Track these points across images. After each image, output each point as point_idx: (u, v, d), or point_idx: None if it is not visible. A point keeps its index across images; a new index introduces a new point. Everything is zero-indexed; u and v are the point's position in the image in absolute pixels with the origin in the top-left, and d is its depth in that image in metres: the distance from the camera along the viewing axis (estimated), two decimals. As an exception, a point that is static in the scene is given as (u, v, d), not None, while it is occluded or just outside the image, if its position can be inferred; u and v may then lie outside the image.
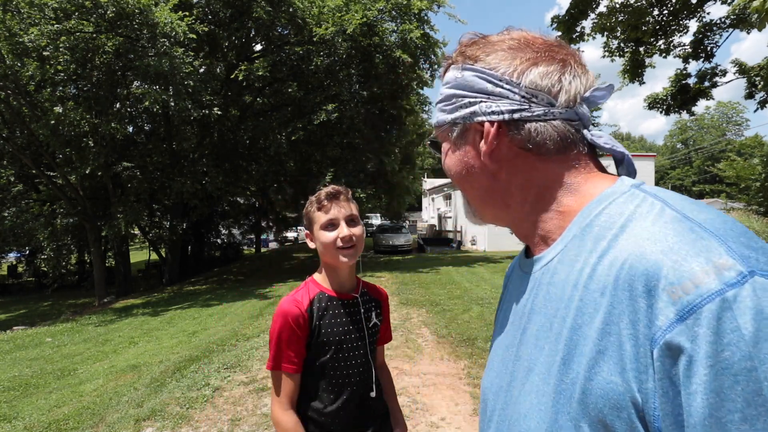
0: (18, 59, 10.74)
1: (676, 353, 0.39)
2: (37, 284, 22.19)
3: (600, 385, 0.44)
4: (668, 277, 0.41)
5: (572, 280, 0.52)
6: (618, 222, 0.50)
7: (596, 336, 0.46)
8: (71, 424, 3.68)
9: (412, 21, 13.05)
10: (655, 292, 0.42)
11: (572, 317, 0.50)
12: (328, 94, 13.10)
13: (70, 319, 10.64)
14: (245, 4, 12.45)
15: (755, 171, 16.81)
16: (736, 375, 0.37)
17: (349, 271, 1.34)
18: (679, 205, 0.48)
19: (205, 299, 10.60)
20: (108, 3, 9.86)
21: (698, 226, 0.44)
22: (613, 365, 0.44)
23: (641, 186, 0.54)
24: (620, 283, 0.45)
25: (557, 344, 0.51)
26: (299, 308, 1.27)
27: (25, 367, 6.19)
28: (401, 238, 20.43)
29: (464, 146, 0.63)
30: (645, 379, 0.42)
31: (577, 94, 0.58)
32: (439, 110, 0.65)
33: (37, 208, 15.63)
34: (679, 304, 0.40)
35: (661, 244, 0.44)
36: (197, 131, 14.47)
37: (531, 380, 0.54)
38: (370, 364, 1.33)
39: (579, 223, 0.55)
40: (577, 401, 0.46)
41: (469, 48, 0.62)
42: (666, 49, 10.26)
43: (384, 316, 1.45)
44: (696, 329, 0.38)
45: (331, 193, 1.29)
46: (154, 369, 4.95)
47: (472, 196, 0.66)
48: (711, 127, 58.78)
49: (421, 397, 3.68)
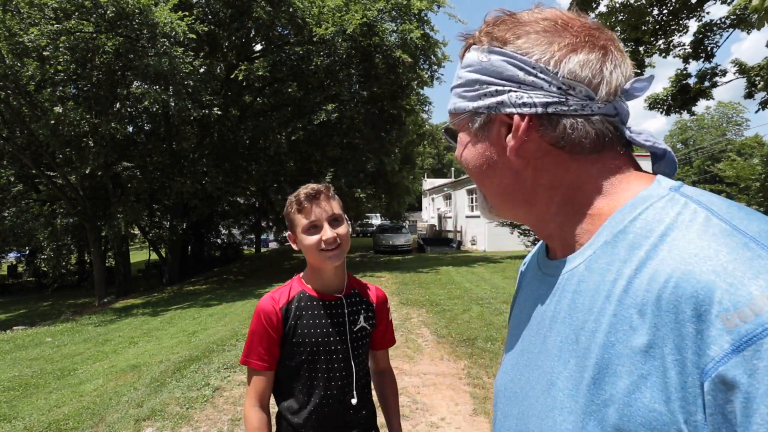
0: (18, 59, 10.75)
1: (731, 388, 0.35)
2: (37, 284, 22.19)
3: (641, 412, 0.40)
4: (723, 302, 0.37)
5: (604, 291, 0.47)
6: (657, 230, 0.45)
7: (637, 357, 0.42)
8: (71, 424, 3.68)
9: (412, 21, 13.06)
10: (706, 318, 0.37)
11: (604, 333, 0.45)
12: (328, 94, 13.10)
13: (70, 319, 10.64)
14: (245, 4, 12.45)
15: (755, 171, 16.81)
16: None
17: (335, 272, 1.28)
18: (726, 214, 0.43)
19: (205, 299, 10.60)
20: (108, 3, 9.86)
21: (753, 240, 0.39)
22: (657, 392, 0.40)
23: (681, 188, 0.49)
24: (663, 304, 0.41)
25: (585, 360, 0.46)
26: (273, 306, 1.24)
27: (25, 367, 6.20)
28: (401, 238, 20.44)
29: (487, 139, 0.57)
30: (694, 411, 0.37)
31: (618, 86, 0.52)
32: (458, 96, 0.59)
33: (37, 208, 15.64)
34: (735, 333, 0.35)
35: (712, 263, 0.39)
36: (197, 131, 14.47)
37: (554, 395, 0.49)
38: (351, 369, 1.26)
39: (611, 228, 0.50)
40: (613, 426, 0.42)
41: (496, 28, 0.55)
42: (666, 48, 10.26)
43: (379, 319, 1.37)
44: (755, 362, 0.34)
45: (310, 194, 1.22)
46: (154, 369, 4.95)
47: (491, 192, 0.60)
48: (711, 127, 58.79)
49: (421, 397, 3.68)
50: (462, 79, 0.58)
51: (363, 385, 1.31)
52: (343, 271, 1.32)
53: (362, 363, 1.31)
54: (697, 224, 0.43)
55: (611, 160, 0.54)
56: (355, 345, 1.28)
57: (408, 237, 20.85)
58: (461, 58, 0.60)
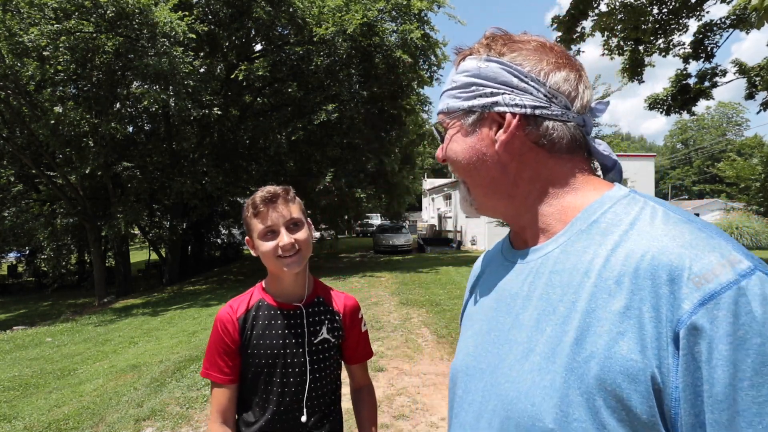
0: (18, 59, 10.74)
1: (699, 333, 0.45)
2: (37, 284, 22.18)
3: (619, 362, 0.49)
4: (692, 268, 0.48)
5: (582, 269, 0.56)
6: (625, 220, 0.56)
7: (615, 318, 0.51)
8: (71, 424, 3.68)
9: (412, 21, 13.05)
10: (680, 281, 0.48)
11: (585, 301, 0.54)
12: (328, 94, 13.10)
13: (70, 319, 10.64)
14: (245, 4, 12.45)
15: (755, 171, 16.82)
16: (748, 350, 0.44)
17: (295, 279, 1.21)
18: (677, 211, 0.56)
19: (205, 299, 10.60)
20: (108, 3, 9.85)
21: (703, 227, 0.52)
22: (634, 345, 0.49)
23: (637, 192, 0.61)
24: (641, 273, 0.51)
25: (565, 325, 0.55)
26: (230, 316, 1.19)
27: (25, 367, 6.20)
28: (401, 238, 20.43)
29: (477, 134, 0.65)
30: (665, 356, 0.47)
31: (588, 102, 0.64)
32: (452, 97, 0.67)
33: (37, 208, 15.63)
34: (701, 291, 0.46)
35: (680, 241, 0.50)
36: (197, 131, 14.47)
37: (531, 360, 0.57)
38: (305, 384, 1.18)
39: (584, 218, 0.60)
40: (594, 377, 0.50)
41: (494, 42, 0.66)
42: (666, 48, 10.25)
43: (348, 330, 1.27)
44: (716, 312, 0.45)
45: (266, 197, 1.14)
46: (154, 369, 4.95)
47: (476, 184, 0.68)
48: (711, 127, 58.79)
49: (421, 397, 3.68)
50: (457, 82, 0.67)
51: (323, 403, 1.22)
52: (304, 278, 1.24)
53: (324, 378, 1.22)
54: (658, 217, 0.55)
55: (580, 162, 0.65)
56: (314, 358, 1.19)
57: (408, 237, 20.84)
58: (456, 66, 0.69)
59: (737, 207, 21.84)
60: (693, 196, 54.04)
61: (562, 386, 0.53)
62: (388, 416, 3.36)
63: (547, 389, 0.54)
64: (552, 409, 0.53)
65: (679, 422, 0.47)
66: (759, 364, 0.43)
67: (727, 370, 0.44)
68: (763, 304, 0.45)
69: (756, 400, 0.43)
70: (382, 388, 3.87)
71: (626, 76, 10.60)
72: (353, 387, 1.37)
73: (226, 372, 1.17)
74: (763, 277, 0.46)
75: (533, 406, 0.54)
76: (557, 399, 0.53)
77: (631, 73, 10.46)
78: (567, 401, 0.52)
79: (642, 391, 0.48)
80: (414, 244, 22.42)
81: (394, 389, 3.85)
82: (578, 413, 0.51)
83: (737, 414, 0.44)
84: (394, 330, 5.66)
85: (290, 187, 1.22)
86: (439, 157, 0.72)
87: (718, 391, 0.44)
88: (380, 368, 4.34)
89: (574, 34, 8.91)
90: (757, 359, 0.43)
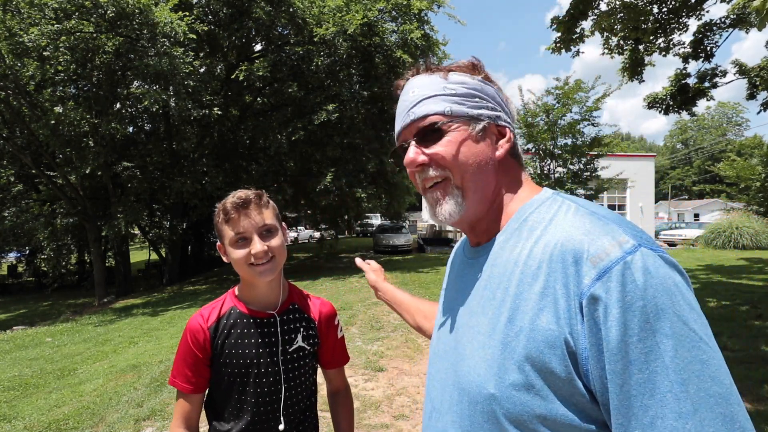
0: (18, 59, 10.75)
1: (597, 301, 0.55)
2: (37, 284, 22.18)
3: (541, 333, 0.59)
4: (589, 250, 0.58)
5: (513, 260, 0.67)
6: (546, 218, 0.68)
7: (536, 297, 0.61)
8: (71, 424, 3.68)
9: (413, 21, 13.04)
10: (581, 261, 0.58)
11: (515, 286, 0.65)
12: (329, 94, 13.09)
13: (70, 319, 10.64)
14: (245, 4, 12.44)
15: (755, 171, 16.81)
16: (634, 311, 0.53)
17: (269, 286, 1.17)
18: (587, 205, 0.67)
19: (205, 299, 10.59)
20: (108, 3, 9.85)
21: (603, 217, 0.63)
22: (551, 316, 0.59)
23: (559, 194, 0.73)
24: (554, 258, 0.61)
25: (501, 308, 0.65)
26: (201, 325, 1.15)
27: (25, 367, 6.19)
28: (401, 238, 20.42)
29: (483, 142, 0.74)
30: (574, 323, 0.57)
31: None
32: (453, 102, 0.74)
33: (37, 208, 15.64)
34: (597, 267, 0.56)
35: (581, 229, 0.61)
36: (197, 131, 14.46)
37: (477, 339, 0.68)
38: (281, 394, 1.15)
39: (518, 218, 0.72)
40: (522, 347, 0.61)
41: (480, 68, 0.78)
42: (666, 47, 10.24)
43: (323, 337, 1.25)
44: (609, 284, 0.55)
45: (237, 203, 1.09)
46: (154, 369, 4.95)
47: (475, 189, 0.74)
48: (711, 127, 58.76)
49: (421, 397, 3.68)
50: (455, 90, 0.75)
51: (300, 410, 1.20)
52: (278, 285, 1.20)
53: (300, 385, 1.19)
54: (570, 212, 0.66)
55: (521, 168, 0.79)
56: (289, 367, 1.17)
57: (408, 237, 20.83)
58: (445, 75, 0.76)
59: (737, 207, 21.84)
60: (693, 196, 54.02)
61: (500, 357, 0.63)
62: (388, 416, 3.36)
63: (488, 361, 0.64)
64: (492, 377, 0.63)
65: (590, 375, 0.56)
66: (643, 322, 0.53)
67: (620, 328, 0.53)
68: (645, 273, 0.54)
69: (643, 351, 0.53)
70: (382, 388, 3.87)
71: (626, 75, 10.60)
72: (330, 390, 1.36)
73: (192, 382, 1.15)
74: (645, 252, 0.56)
75: (479, 376, 0.65)
76: (496, 368, 0.63)
77: (631, 73, 10.45)
78: (503, 369, 0.62)
79: (559, 354, 0.58)
80: (414, 244, 22.41)
81: (394, 389, 3.85)
82: (512, 378, 0.61)
83: (630, 363, 0.53)
84: (394, 330, 5.66)
85: (263, 191, 1.17)
86: (417, 161, 0.75)
87: (614, 346, 0.54)
88: (380, 368, 4.34)
89: (573, 35, 8.91)
90: (642, 317, 0.53)
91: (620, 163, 18.75)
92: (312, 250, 21.87)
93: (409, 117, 0.75)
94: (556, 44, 9.13)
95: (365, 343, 5.17)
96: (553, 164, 15.29)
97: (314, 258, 19.02)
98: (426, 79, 0.76)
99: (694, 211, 41.05)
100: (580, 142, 14.70)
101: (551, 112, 14.55)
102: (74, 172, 12.26)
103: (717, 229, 17.33)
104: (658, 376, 0.52)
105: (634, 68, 10.35)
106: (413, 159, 0.75)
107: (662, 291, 0.54)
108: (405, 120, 0.76)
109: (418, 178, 0.77)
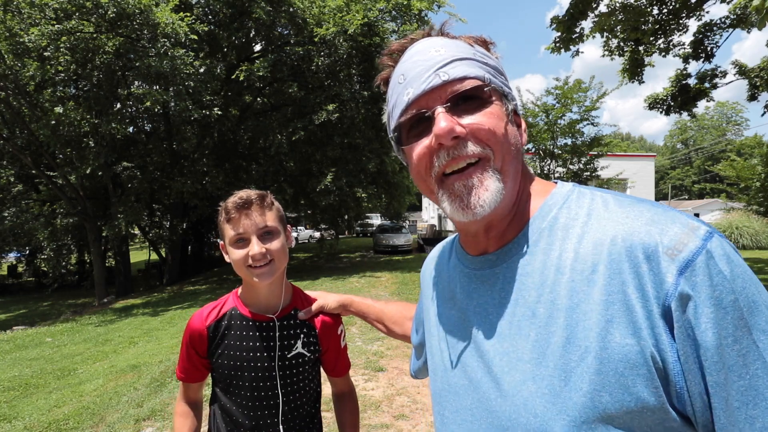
0: (18, 59, 10.74)
1: (686, 301, 0.46)
2: (37, 284, 22.19)
3: (616, 350, 0.48)
4: (663, 242, 0.49)
5: (552, 266, 0.55)
6: (582, 213, 0.57)
7: (600, 308, 0.50)
8: (71, 424, 3.68)
9: (413, 21, 13.05)
10: (656, 257, 0.48)
11: (566, 298, 0.52)
12: (329, 94, 13.09)
13: (70, 319, 10.64)
14: (245, 4, 12.44)
15: (755, 171, 16.82)
16: (726, 307, 0.45)
17: (269, 289, 1.14)
18: (624, 196, 0.58)
19: (205, 299, 10.59)
20: (109, 3, 9.85)
21: (654, 204, 0.54)
22: (625, 329, 0.48)
23: (578, 185, 0.63)
24: (615, 256, 0.51)
25: (549, 327, 0.53)
26: (199, 324, 1.15)
27: (25, 367, 6.19)
28: (401, 238, 20.42)
29: (515, 124, 0.63)
30: (659, 333, 0.47)
31: None
32: (488, 71, 0.60)
33: (37, 208, 15.64)
34: (677, 261, 0.47)
35: (643, 219, 0.52)
36: (197, 131, 14.46)
37: (522, 369, 0.54)
38: (278, 400, 1.12)
39: (543, 217, 0.60)
40: (594, 372, 0.49)
41: (489, 43, 0.66)
42: (666, 48, 10.25)
43: (325, 344, 1.21)
44: (694, 278, 0.46)
45: (238, 203, 1.07)
46: (154, 369, 4.95)
47: (513, 174, 0.60)
48: (711, 127, 58.76)
49: (421, 397, 3.68)
50: (487, 60, 0.62)
51: (301, 415, 1.16)
52: (280, 288, 1.16)
53: (300, 391, 1.16)
54: (611, 203, 0.56)
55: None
56: (286, 373, 1.13)
57: (408, 237, 20.83)
58: (471, 43, 0.63)
59: (737, 207, 21.84)
60: (693, 196, 54.03)
61: (563, 390, 0.50)
62: (388, 416, 3.36)
63: (547, 396, 0.51)
64: (558, 417, 0.50)
65: (685, 396, 0.46)
66: (737, 319, 0.45)
67: (715, 330, 0.45)
68: (729, 263, 0.47)
69: (740, 353, 0.45)
70: (382, 388, 3.87)
71: (626, 76, 10.60)
72: (334, 392, 1.34)
73: (191, 375, 1.20)
74: (719, 238, 0.48)
75: (536, 417, 0.51)
76: (560, 405, 0.50)
77: (631, 74, 10.46)
78: (571, 404, 0.49)
79: (645, 374, 0.47)
80: (414, 244, 22.41)
81: (394, 389, 3.85)
82: (585, 414, 0.48)
83: (729, 370, 0.45)
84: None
85: (267, 192, 1.14)
86: (451, 133, 0.56)
87: (713, 353, 0.45)
88: (380, 368, 4.34)
89: (573, 35, 8.91)
90: (735, 314, 0.45)
91: (620, 163, 18.77)
92: (312, 250, 21.86)
93: (439, 77, 0.57)
94: (556, 44, 9.13)
95: (365, 343, 5.17)
96: (553, 164, 15.30)
97: (314, 258, 19.02)
98: (450, 42, 0.61)
99: (694, 211, 41.05)
100: (579, 142, 14.73)
101: (551, 112, 14.56)
102: (74, 172, 12.25)
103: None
104: (760, 380, 0.44)
105: (634, 69, 10.35)
106: (449, 128, 0.56)
107: (749, 281, 0.46)
108: (431, 81, 0.58)
109: (443, 158, 0.58)
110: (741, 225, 16.90)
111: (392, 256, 18.56)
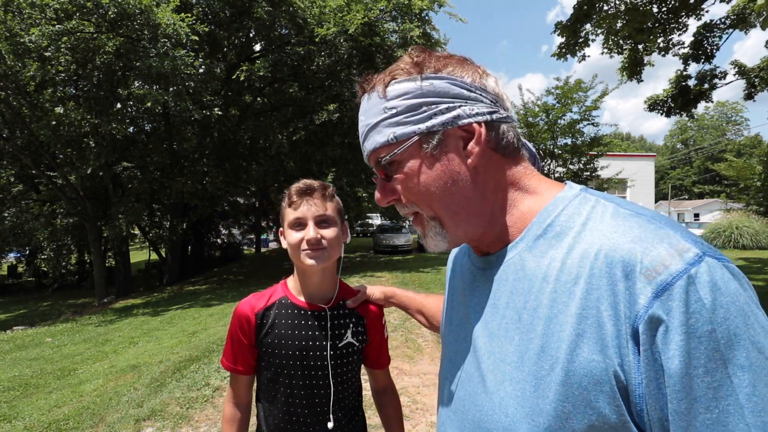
0: (19, 59, 10.74)
1: (656, 325, 0.45)
2: (37, 284, 22.19)
3: (582, 365, 0.49)
4: (643, 262, 0.47)
5: (540, 274, 0.56)
6: (578, 221, 0.56)
7: (573, 321, 0.51)
8: (71, 424, 3.68)
9: (413, 21, 13.05)
10: (633, 276, 0.47)
11: (546, 307, 0.54)
12: (329, 94, 13.10)
13: (70, 319, 10.64)
14: (245, 4, 12.45)
15: (755, 171, 16.83)
16: (700, 338, 0.44)
17: (321, 278, 1.16)
18: (626, 205, 0.56)
19: (205, 299, 10.59)
20: (109, 3, 9.85)
21: (651, 219, 0.52)
22: (593, 345, 0.49)
23: (588, 190, 0.61)
24: (596, 271, 0.50)
25: (530, 334, 0.54)
26: (248, 311, 1.16)
27: (25, 367, 6.19)
28: (401, 238, 20.42)
29: (446, 155, 0.61)
30: (626, 353, 0.47)
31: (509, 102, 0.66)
32: (395, 125, 0.62)
33: (37, 208, 15.64)
34: (654, 283, 0.46)
35: (629, 235, 0.50)
36: (198, 131, 14.47)
37: (503, 370, 0.57)
38: (329, 389, 1.13)
39: (540, 223, 0.60)
40: (560, 383, 0.50)
41: (426, 60, 0.63)
42: (665, 47, 10.25)
43: (372, 334, 1.22)
44: (670, 303, 0.45)
45: (301, 189, 1.12)
46: (154, 369, 4.95)
47: (452, 213, 0.63)
48: (711, 127, 58.79)
49: (421, 397, 3.68)
50: (396, 108, 0.62)
51: (346, 407, 1.18)
52: (332, 278, 1.20)
53: (348, 382, 1.18)
54: (608, 213, 0.54)
55: (524, 161, 0.65)
56: (337, 362, 1.15)
57: (408, 237, 20.82)
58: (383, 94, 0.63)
59: (737, 207, 21.84)
60: (693, 196, 54.04)
61: (533, 395, 0.52)
62: (388, 416, 3.36)
63: (518, 399, 0.53)
64: (524, 420, 0.52)
65: (646, 417, 0.47)
66: (711, 351, 0.43)
67: (683, 359, 0.44)
68: (713, 290, 0.44)
69: (711, 386, 0.43)
70: (382, 388, 3.87)
71: (626, 74, 10.61)
72: (376, 388, 1.34)
73: (240, 364, 1.18)
74: (711, 263, 0.46)
75: (507, 417, 0.54)
76: (528, 408, 0.52)
77: (630, 72, 10.46)
78: (538, 410, 0.51)
79: (607, 392, 0.48)
80: (414, 244, 22.40)
81: (394, 389, 3.85)
82: (548, 422, 0.50)
83: (695, 401, 0.44)
84: (394, 330, 5.66)
85: (330, 185, 1.18)
86: (384, 200, 0.66)
87: (676, 381, 0.44)
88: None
89: (578, 39, 8.90)
90: (710, 346, 0.43)
91: (620, 163, 18.78)
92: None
93: (365, 149, 0.66)
94: (561, 50, 9.10)
95: (365, 343, 5.17)
96: (553, 164, 15.31)
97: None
98: (367, 103, 0.66)
99: (694, 211, 41.07)
100: (579, 141, 14.73)
101: (551, 112, 14.57)
102: (74, 172, 12.25)
103: (717, 229, 17.35)
104: (730, 416, 0.43)
105: (633, 68, 10.36)
106: (379, 198, 0.66)
107: (735, 312, 0.44)
108: (365, 152, 0.67)
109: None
110: (741, 225, 16.90)
111: (392, 256, 18.56)
